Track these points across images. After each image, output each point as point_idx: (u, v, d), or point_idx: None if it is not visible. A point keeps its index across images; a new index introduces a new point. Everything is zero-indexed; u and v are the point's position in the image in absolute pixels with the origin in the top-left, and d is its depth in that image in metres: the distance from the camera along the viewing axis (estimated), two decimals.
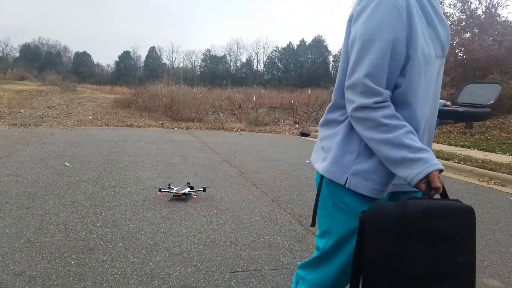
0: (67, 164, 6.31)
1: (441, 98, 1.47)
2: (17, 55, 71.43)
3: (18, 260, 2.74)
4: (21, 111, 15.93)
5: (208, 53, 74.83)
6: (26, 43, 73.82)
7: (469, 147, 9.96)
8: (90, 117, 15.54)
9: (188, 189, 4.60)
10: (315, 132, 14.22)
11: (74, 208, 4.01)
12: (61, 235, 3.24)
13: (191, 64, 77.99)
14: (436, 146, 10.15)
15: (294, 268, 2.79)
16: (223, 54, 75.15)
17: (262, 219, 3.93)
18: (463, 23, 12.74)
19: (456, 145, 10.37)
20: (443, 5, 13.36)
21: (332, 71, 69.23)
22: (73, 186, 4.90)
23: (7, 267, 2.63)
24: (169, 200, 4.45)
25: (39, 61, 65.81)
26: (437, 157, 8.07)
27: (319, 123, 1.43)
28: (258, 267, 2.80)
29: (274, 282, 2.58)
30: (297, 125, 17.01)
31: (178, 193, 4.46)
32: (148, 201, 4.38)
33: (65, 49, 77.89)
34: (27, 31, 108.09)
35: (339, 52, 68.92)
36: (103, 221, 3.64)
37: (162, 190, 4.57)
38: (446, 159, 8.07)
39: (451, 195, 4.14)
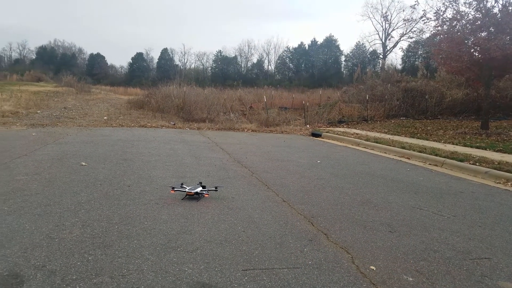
0: (83, 164, 6.46)
1: (456, 98, 1.45)
2: (34, 57, 72.66)
3: (38, 255, 2.86)
4: (38, 111, 16.28)
5: (219, 54, 75.08)
6: (42, 45, 75.13)
7: (485, 148, 9.83)
8: (105, 117, 15.79)
9: (200, 188, 4.69)
10: (326, 132, 14.20)
11: (90, 206, 4.13)
12: (79, 232, 3.35)
13: (203, 65, 78.38)
14: (451, 147, 10.06)
15: (305, 268, 2.85)
16: (234, 55, 75.33)
17: (273, 219, 3.99)
18: (479, 22, 12.55)
19: (471, 146, 10.23)
20: (457, 3, 13.18)
21: (344, 71, 68.80)
22: (90, 185, 5.04)
23: (28, 262, 2.74)
24: (182, 199, 4.54)
25: (55, 63, 66.93)
26: (452, 158, 8.08)
27: None
28: (269, 266, 2.86)
29: (286, 281, 2.63)
30: (308, 126, 16.98)
31: (191, 192, 4.55)
32: (162, 200, 4.48)
33: (80, 51, 79.18)
34: (43, 33, 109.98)
35: (351, 52, 68.63)
36: (119, 218, 3.75)
37: (175, 189, 4.66)
38: (461, 160, 8.00)
39: (465, 197, 4.17)
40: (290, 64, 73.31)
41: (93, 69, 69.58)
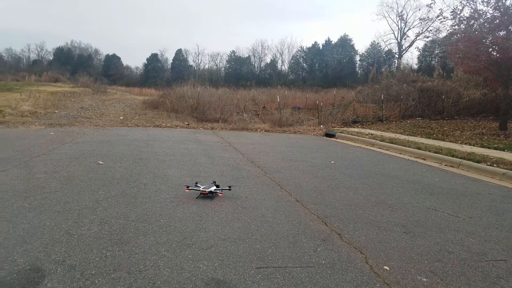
0: (100, 162, 6.59)
1: (474, 98, 1.45)
2: (51, 58, 74.29)
3: (58, 250, 2.95)
4: (56, 111, 16.64)
5: (232, 54, 75.41)
6: (59, 47, 76.78)
7: (503, 150, 9.65)
8: (121, 117, 16.05)
9: (214, 187, 4.74)
10: (340, 133, 14.13)
11: (108, 203, 4.22)
12: (97, 229, 3.44)
13: (216, 65, 78.85)
14: (467, 148, 9.90)
15: (318, 267, 2.87)
16: (247, 55, 75.53)
17: (286, 218, 4.02)
18: (497, 21, 12.31)
19: (489, 147, 10.06)
20: (475, 2, 12.96)
21: (359, 71, 68.25)
22: (107, 183, 5.15)
23: (49, 256, 2.83)
24: (196, 198, 4.61)
25: (72, 63, 68.26)
26: (468, 160, 7.97)
27: None
28: (283, 264, 2.89)
29: (299, 280, 2.66)
30: (321, 126, 16.92)
31: (205, 191, 4.61)
32: (177, 198, 4.56)
33: (96, 52, 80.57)
34: (61, 35, 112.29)
35: (366, 52, 68.01)
36: (135, 216, 3.83)
37: (189, 188, 4.73)
38: (478, 162, 7.87)
39: (481, 199, 4.13)
40: (304, 64, 73.10)
41: (109, 69, 70.65)
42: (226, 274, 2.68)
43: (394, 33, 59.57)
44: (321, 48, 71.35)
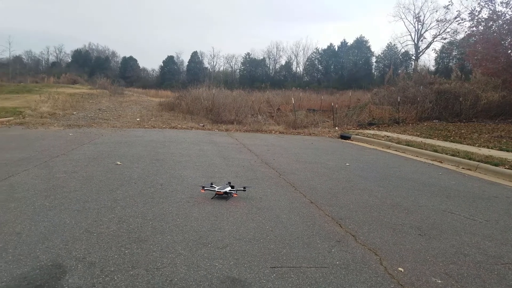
0: (118, 163, 6.74)
1: (492, 101, 1.46)
2: (69, 60, 75.75)
3: (79, 247, 3.05)
4: (74, 113, 17.02)
5: (247, 56, 75.65)
6: (77, 49, 78.23)
7: None
8: (138, 119, 16.31)
9: (229, 188, 4.81)
10: (356, 135, 14.04)
11: (126, 203, 4.33)
12: (115, 227, 3.53)
13: (231, 67, 79.21)
14: (485, 151, 9.73)
15: (333, 267, 2.89)
16: (262, 57, 75.66)
17: (300, 219, 4.05)
18: None
19: (507, 151, 9.86)
20: (494, 3, 12.76)
21: (375, 72, 67.59)
22: (125, 183, 5.27)
23: (70, 253, 2.93)
24: (212, 198, 4.68)
25: (89, 65, 69.54)
26: (486, 163, 7.84)
27: None
28: (297, 264, 2.92)
29: (314, 279, 2.69)
30: (337, 128, 16.84)
31: (220, 191, 4.68)
32: (193, 198, 4.64)
33: (113, 54, 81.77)
34: (78, 37, 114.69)
35: (382, 53, 67.32)
36: (153, 215, 3.92)
37: (205, 189, 4.81)
38: (496, 165, 7.74)
39: (499, 202, 4.09)
40: (319, 66, 72.82)
41: (126, 72, 71.61)
42: (241, 273, 2.73)
43: (411, 35, 58.78)
44: (336, 49, 71.00)
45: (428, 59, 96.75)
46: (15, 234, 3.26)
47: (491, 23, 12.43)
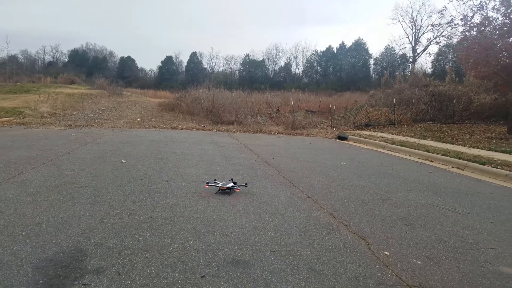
0: (123, 161, 7.06)
1: (484, 103, 1.71)
2: (66, 60, 74.93)
3: (96, 235, 3.37)
4: (74, 113, 17.30)
5: (247, 57, 75.90)
6: (74, 49, 77.42)
7: (509, 153, 9.81)
8: (138, 119, 16.62)
9: (232, 184, 5.14)
10: (352, 135, 14.41)
11: (135, 197, 4.66)
12: (128, 218, 3.86)
13: (231, 68, 79.39)
14: (475, 151, 10.11)
15: (326, 251, 3.23)
16: (262, 59, 75.93)
17: (298, 212, 4.39)
18: (507, 28, 12.48)
19: (496, 151, 10.25)
20: (486, 9, 13.16)
21: (373, 74, 68.01)
22: (132, 180, 5.59)
23: (88, 240, 3.26)
24: (215, 193, 5.01)
25: (87, 65, 68.91)
26: (474, 162, 8.23)
27: None
28: (294, 249, 3.26)
29: (309, 260, 3.03)
30: (334, 129, 17.20)
31: (223, 187, 5.02)
32: (198, 193, 4.97)
33: (111, 54, 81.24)
34: (75, 37, 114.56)
35: (380, 55, 67.76)
36: (161, 208, 4.26)
37: (209, 184, 5.14)
38: (483, 164, 8.11)
39: (482, 197, 4.47)
40: (318, 68, 73.19)
41: (124, 72, 71.28)
42: (245, 255, 3.07)
43: (408, 38, 59.27)
44: (335, 51, 71.40)
45: (426, 62, 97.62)
46: (35, 224, 3.57)
47: (482, 28, 12.82)
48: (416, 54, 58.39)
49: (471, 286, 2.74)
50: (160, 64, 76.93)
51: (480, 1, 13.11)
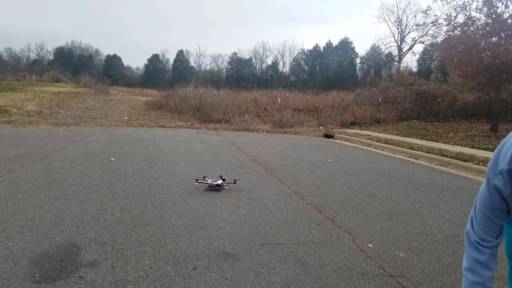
0: (112, 159, 7.09)
1: (468, 102, 1.76)
2: (52, 58, 73.80)
3: (89, 230, 3.44)
4: (61, 111, 17.12)
5: (234, 56, 75.81)
6: (60, 46, 76.13)
7: (491, 150, 10.12)
8: (125, 118, 16.54)
9: (221, 181, 5.24)
10: (339, 134, 14.63)
11: (126, 194, 4.72)
12: (119, 214, 3.93)
13: (218, 67, 79.16)
14: (458, 148, 10.40)
15: (312, 244, 3.36)
16: (249, 57, 75.93)
17: (285, 207, 4.52)
18: (489, 28, 12.84)
19: (478, 148, 10.56)
20: (469, 9, 13.51)
21: (359, 73, 68.71)
22: (121, 177, 5.64)
23: (82, 235, 3.32)
24: (205, 190, 5.11)
25: (72, 64, 67.93)
26: (457, 159, 8.47)
27: None
28: (282, 242, 3.38)
29: (296, 253, 3.16)
30: (321, 127, 17.42)
31: (213, 184, 5.12)
32: (187, 190, 5.06)
33: (97, 52, 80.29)
34: (61, 35, 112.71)
35: (366, 54, 68.47)
36: (152, 204, 4.33)
37: (198, 181, 5.23)
38: (466, 161, 8.37)
39: (464, 193, 4.66)
40: (305, 66, 73.56)
41: (110, 70, 70.40)
42: (235, 249, 3.17)
43: (394, 37, 60.16)
44: (322, 50, 71.82)
45: (411, 61, 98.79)
46: (28, 220, 3.61)
47: (466, 28, 13.15)
48: (401, 53, 59.27)
49: (450, 276, 2.90)
50: (147, 62, 76.18)
51: (464, 1, 13.47)
